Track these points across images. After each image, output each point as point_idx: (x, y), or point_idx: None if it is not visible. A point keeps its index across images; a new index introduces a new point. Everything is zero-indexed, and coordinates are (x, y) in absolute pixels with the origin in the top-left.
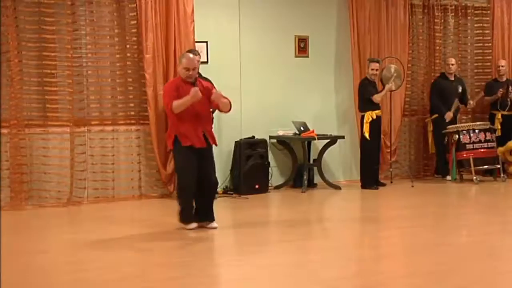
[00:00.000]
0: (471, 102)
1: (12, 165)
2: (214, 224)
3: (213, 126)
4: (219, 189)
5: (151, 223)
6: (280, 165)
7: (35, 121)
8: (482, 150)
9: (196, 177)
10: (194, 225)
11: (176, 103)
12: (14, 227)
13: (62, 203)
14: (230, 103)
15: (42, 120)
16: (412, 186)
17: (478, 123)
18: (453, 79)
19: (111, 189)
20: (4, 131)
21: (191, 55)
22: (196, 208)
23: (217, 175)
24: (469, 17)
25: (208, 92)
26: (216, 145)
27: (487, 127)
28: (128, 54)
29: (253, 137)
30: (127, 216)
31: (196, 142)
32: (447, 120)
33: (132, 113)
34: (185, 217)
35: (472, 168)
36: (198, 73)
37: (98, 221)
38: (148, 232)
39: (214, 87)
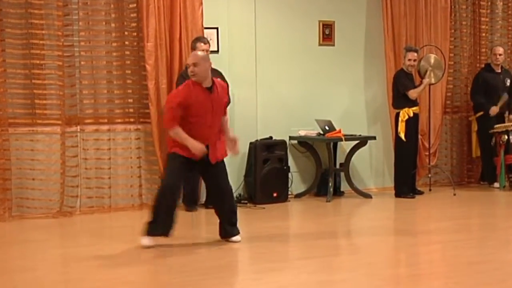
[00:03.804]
0: None
1: None
2: (237, 237)
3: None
4: None
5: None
6: (302, 170)
7: (21, 119)
8: None
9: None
10: (148, 241)
11: (177, 133)
12: None
13: (51, 213)
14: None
15: (28, 118)
16: (454, 195)
17: None
18: (499, 71)
19: (107, 198)
20: None
21: (198, 50)
22: (220, 223)
23: (229, 181)
24: None
25: (224, 97)
26: (221, 159)
27: None
28: (127, 43)
29: (271, 137)
30: (126, 229)
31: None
32: (491, 115)
33: (131, 110)
34: (150, 229)
35: None
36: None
37: (92, 235)
38: (150, 247)
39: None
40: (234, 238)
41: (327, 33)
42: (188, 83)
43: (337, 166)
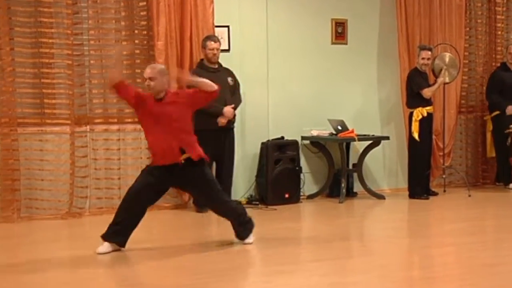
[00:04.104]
0: None
1: (2, 170)
2: (248, 239)
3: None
4: (242, 199)
5: (163, 238)
6: (314, 170)
7: (30, 119)
8: None
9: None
10: (105, 248)
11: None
12: (4, 242)
13: (60, 214)
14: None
15: (37, 118)
16: (469, 196)
17: None
18: None
19: (117, 199)
20: None
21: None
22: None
23: (240, 182)
24: None
25: (182, 99)
26: (195, 158)
27: None
28: (137, 41)
29: (282, 137)
30: (136, 230)
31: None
32: (508, 114)
33: None
34: (106, 233)
35: None
36: (218, 63)
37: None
38: (160, 248)
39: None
40: (246, 241)
41: (339, 32)
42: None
43: (350, 167)
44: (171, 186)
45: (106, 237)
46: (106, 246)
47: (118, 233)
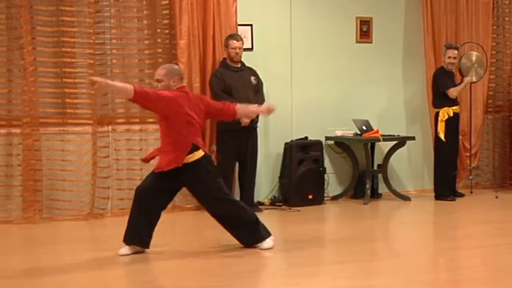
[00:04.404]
0: None
1: (24, 170)
2: (264, 244)
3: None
4: (265, 200)
5: (185, 239)
6: (338, 171)
7: (52, 119)
8: None
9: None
10: (125, 250)
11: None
12: (26, 243)
13: (82, 215)
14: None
15: (59, 118)
16: (496, 197)
17: None
18: None
19: None
20: (15, 130)
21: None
22: None
23: (263, 183)
24: None
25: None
26: (179, 165)
27: None
28: (159, 40)
29: (306, 138)
30: (157, 231)
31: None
32: None
33: None
34: (124, 236)
35: None
36: (241, 62)
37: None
38: (181, 250)
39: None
40: (260, 246)
41: (364, 30)
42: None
43: (375, 168)
44: (179, 186)
45: (125, 239)
46: (126, 248)
47: (135, 235)
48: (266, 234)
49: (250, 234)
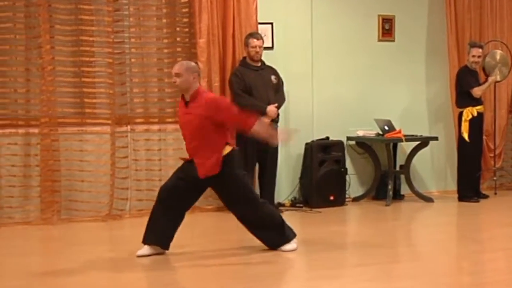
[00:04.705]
0: None
1: (42, 171)
2: (287, 246)
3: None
4: (286, 201)
5: (205, 241)
6: (360, 172)
7: (70, 119)
8: None
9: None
10: (144, 250)
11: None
12: (44, 244)
13: (100, 216)
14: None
15: (78, 118)
16: None
17: None
18: None
19: None
20: (33, 130)
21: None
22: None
23: (284, 183)
24: None
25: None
26: (201, 177)
27: None
28: (178, 39)
29: (327, 138)
30: (177, 233)
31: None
32: None
33: None
34: (144, 236)
35: None
36: (261, 61)
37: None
38: (202, 252)
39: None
40: (283, 248)
41: (387, 28)
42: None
43: (397, 168)
44: (205, 186)
45: (144, 240)
46: (146, 249)
47: (156, 235)
48: (291, 235)
49: (276, 235)
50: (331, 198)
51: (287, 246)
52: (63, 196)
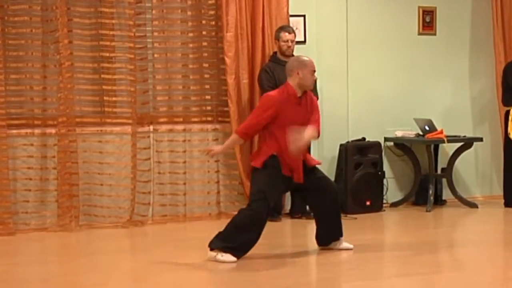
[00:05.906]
0: None
1: (59, 174)
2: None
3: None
4: None
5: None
6: (398, 175)
7: (89, 118)
8: None
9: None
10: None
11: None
12: (61, 252)
13: (121, 222)
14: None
15: (97, 117)
16: None
17: None
18: None
19: (182, 206)
20: (50, 131)
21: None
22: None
23: None
24: None
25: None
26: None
27: None
28: (204, 33)
29: (364, 139)
30: (202, 240)
31: (295, 173)
32: None
33: (209, 108)
34: (241, 252)
35: None
36: (293, 56)
37: (166, 246)
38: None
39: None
40: (346, 245)
41: (427, 21)
42: (285, 88)
43: (439, 172)
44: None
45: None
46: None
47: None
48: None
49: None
50: (368, 203)
51: (345, 244)
52: (82, 200)
